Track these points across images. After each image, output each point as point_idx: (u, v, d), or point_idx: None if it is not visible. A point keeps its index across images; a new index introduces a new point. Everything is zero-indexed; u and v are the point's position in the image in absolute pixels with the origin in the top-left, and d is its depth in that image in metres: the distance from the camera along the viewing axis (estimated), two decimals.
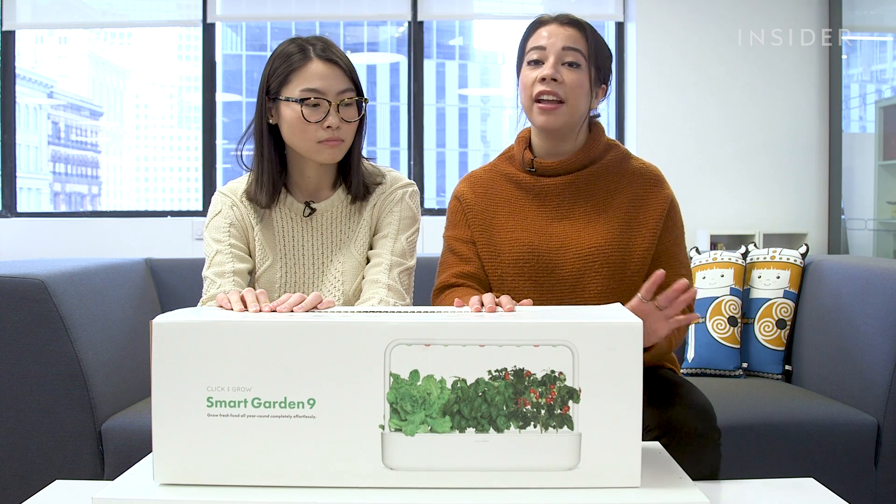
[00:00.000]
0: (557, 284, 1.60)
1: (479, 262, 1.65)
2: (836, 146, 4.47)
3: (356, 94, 1.55)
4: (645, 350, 1.40)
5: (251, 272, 1.61)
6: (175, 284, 2.40)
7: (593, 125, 1.68)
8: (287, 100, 1.53)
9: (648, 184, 1.64)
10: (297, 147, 1.56)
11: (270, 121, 1.57)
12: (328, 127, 1.51)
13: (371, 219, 1.63)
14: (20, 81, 4.96)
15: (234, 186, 1.65)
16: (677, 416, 1.43)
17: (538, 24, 1.63)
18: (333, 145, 1.53)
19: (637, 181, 1.64)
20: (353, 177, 1.61)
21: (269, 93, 1.56)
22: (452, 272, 1.65)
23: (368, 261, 1.62)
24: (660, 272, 1.31)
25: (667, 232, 1.63)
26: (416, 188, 1.68)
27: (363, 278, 1.61)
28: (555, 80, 1.56)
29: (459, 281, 1.64)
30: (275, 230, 1.62)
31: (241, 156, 1.65)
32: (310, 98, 1.51)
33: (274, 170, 1.59)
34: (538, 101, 1.57)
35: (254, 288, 1.59)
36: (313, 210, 1.61)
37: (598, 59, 1.61)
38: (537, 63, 1.59)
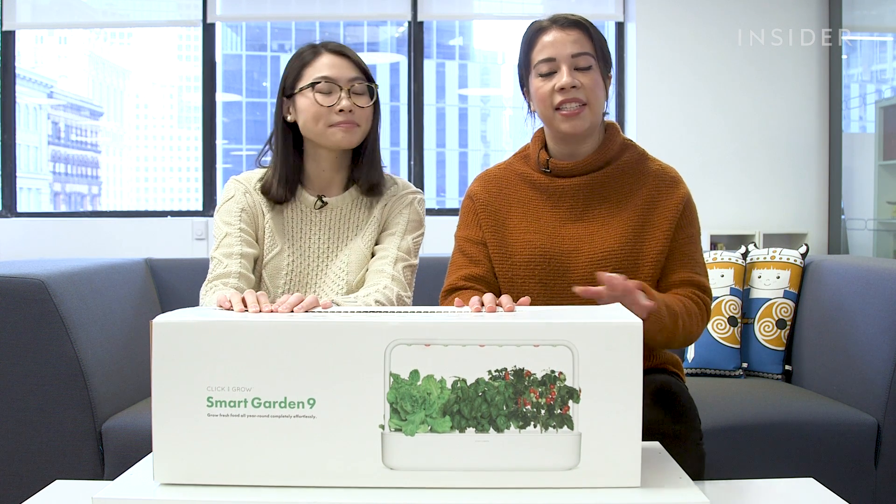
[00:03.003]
0: (568, 288, 1.58)
1: (489, 265, 1.65)
2: (836, 146, 4.47)
3: (367, 81, 1.62)
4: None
5: (257, 260, 1.64)
6: (175, 284, 2.40)
7: (608, 126, 1.67)
8: (301, 90, 1.60)
9: (664, 185, 1.62)
10: (313, 134, 1.61)
11: (288, 118, 1.64)
12: (341, 110, 1.58)
13: (381, 216, 1.68)
14: (20, 81, 4.96)
15: (248, 175, 1.71)
16: (657, 416, 1.43)
17: (539, 31, 1.60)
18: (348, 128, 1.59)
19: (653, 182, 1.62)
20: (364, 167, 1.66)
21: (285, 91, 1.63)
22: (461, 274, 1.64)
23: (373, 255, 1.66)
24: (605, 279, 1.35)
25: (680, 230, 1.60)
26: (423, 197, 1.74)
27: (367, 270, 1.64)
28: (574, 87, 1.55)
29: (468, 284, 1.63)
30: (285, 220, 1.66)
31: (260, 160, 1.72)
32: (321, 83, 1.58)
33: (290, 163, 1.65)
34: (559, 108, 1.57)
35: (259, 276, 1.62)
36: (324, 203, 1.65)
37: (603, 52, 1.61)
38: (549, 74, 1.58)
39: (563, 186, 1.63)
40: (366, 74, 1.63)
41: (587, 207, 1.62)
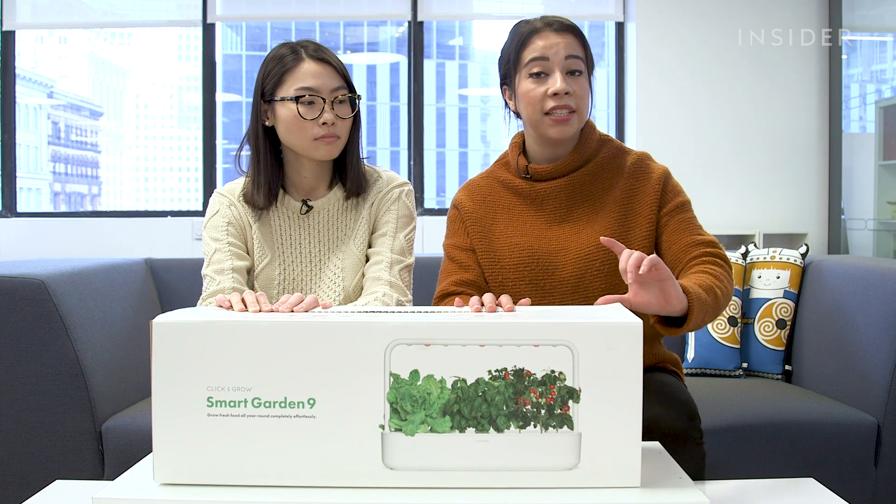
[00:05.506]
0: (559, 286, 1.59)
1: (479, 270, 1.65)
2: (836, 146, 4.47)
3: (349, 92, 1.59)
4: (682, 323, 1.34)
5: (250, 270, 1.62)
6: (175, 284, 2.40)
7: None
8: (282, 100, 1.56)
9: (640, 171, 1.63)
10: (294, 146, 1.59)
11: (266, 123, 1.60)
12: (324, 123, 1.54)
13: (370, 216, 1.65)
14: (20, 81, 4.96)
15: (231, 187, 1.68)
16: (657, 416, 1.43)
17: (532, 32, 1.60)
18: (330, 142, 1.56)
19: (630, 173, 1.64)
20: (349, 173, 1.63)
21: (264, 95, 1.59)
22: (452, 280, 1.65)
23: (367, 259, 1.64)
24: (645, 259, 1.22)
25: (667, 204, 1.60)
26: (411, 187, 1.71)
27: (363, 276, 1.62)
28: (567, 93, 1.56)
29: (459, 289, 1.64)
30: (272, 228, 1.64)
31: (239, 159, 1.68)
32: (304, 96, 1.54)
33: (271, 170, 1.61)
34: (549, 113, 1.57)
35: (253, 287, 1.61)
36: (310, 208, 1.63)
37: (591, 58, 1.63)
38: (540, 75, 1.58)
39: (544, 190, 1.65)
40: (347, 82, 1.59)
41: (570, 208, 1.63)
